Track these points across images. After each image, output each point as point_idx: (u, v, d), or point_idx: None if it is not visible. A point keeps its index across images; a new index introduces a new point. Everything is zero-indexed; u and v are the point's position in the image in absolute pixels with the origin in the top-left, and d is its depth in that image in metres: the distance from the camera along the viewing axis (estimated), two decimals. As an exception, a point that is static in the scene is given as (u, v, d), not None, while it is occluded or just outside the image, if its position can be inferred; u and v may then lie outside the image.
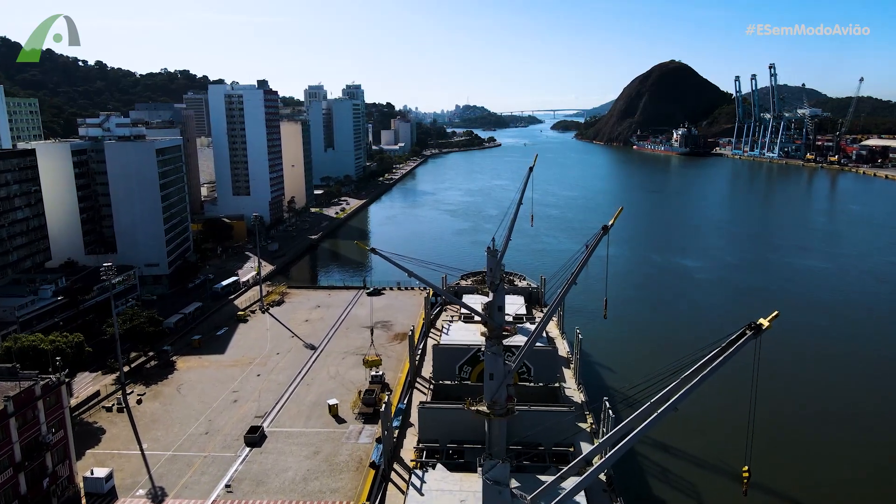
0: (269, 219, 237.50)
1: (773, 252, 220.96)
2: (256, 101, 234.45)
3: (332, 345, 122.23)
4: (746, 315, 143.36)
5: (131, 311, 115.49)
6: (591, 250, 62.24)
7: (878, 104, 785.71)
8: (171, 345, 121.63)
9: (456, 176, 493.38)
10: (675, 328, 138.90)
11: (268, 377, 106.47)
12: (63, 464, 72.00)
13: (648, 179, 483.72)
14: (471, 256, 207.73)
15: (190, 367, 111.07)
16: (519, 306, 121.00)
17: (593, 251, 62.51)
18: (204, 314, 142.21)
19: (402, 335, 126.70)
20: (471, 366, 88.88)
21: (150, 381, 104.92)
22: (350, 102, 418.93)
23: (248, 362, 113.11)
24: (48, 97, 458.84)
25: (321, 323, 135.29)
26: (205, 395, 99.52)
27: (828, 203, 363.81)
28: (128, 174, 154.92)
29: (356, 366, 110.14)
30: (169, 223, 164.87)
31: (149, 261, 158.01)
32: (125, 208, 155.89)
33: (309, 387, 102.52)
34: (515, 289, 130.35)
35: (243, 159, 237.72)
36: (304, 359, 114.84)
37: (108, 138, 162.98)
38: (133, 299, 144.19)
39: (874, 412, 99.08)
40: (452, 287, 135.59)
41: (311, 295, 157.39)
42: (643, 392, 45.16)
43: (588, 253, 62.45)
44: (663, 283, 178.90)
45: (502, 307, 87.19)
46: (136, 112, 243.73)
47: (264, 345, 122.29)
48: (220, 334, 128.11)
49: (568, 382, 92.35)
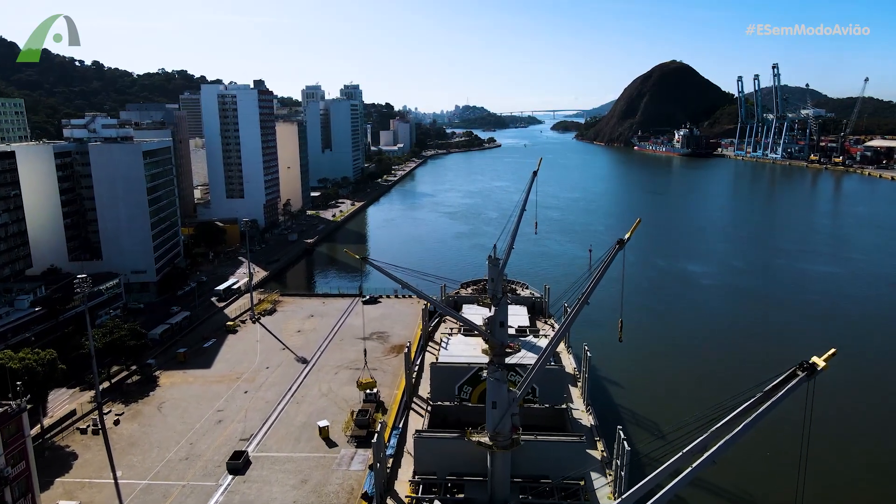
0: (263, 222, 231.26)
1: (781, 256, 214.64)
2: (250, 101, 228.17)
3: (324, 358, 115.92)
4: (763, 329, 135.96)
5: (112, 322, 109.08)
6: (606, 267, 56.14)
7: (879, 105, 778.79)
8: (156, 358, 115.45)
9: (455, 177, 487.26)
10: (688, 341, 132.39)
11: (255, 394, 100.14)
12: (25, 498, 65.64)
13: (650, 181, 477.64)
14: (470, 261, 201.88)
15: (173, 383, 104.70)
16: (522, 318, 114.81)
17: (607, 268, 56.46)
18: (192, 324, 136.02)
19: (399, 347, 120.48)
20: (471, 386, 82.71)
21: (131, 399, 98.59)
22: (348, 103, 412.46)
23: (235, 378, 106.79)
24: (44, 97, 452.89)
25: (314, 334, 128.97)
26: (187, 415, 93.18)
27: (834, 205, 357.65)
28: (113, 177, 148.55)
29: (349, 381, 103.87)
30: (157, 228, 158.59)
31: (136, 267, 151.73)
32: (110, 213, 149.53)
33: (299, 405, 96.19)
34: (518, 298, 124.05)
35: (237, 161, 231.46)
36: (294, 374, 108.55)
37: (94, 140, 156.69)
38: (116, 309, 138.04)
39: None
40: (452, 297, 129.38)
41: (305, 303, 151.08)
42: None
43: (602, 270, 56.37)
44: (671, 291, 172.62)
45: (505, 323, 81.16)
46: (126, 113, 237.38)
47: (253, 358, 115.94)
48: (207, 346, 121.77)
49: (576, 403, 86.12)
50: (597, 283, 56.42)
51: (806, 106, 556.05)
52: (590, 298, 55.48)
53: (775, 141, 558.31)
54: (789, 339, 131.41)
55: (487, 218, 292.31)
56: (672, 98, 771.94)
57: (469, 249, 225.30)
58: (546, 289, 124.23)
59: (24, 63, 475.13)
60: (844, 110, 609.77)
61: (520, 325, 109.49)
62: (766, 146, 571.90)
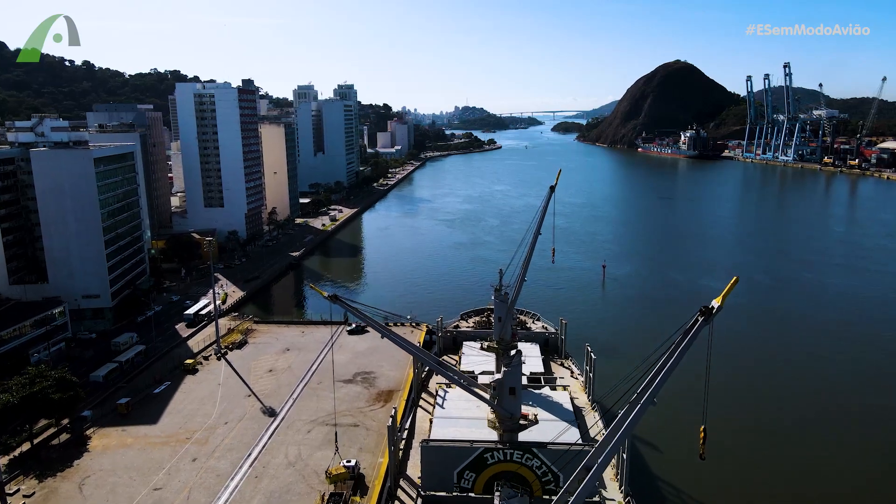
0: (244, 234, 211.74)
1: (808, 270, 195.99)
2: (230, 101, 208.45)
3: (297, 409, 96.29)
4: (805, 362, 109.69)
5: (34, 370, 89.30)
6: (685, 348, 36.95)
7: (884, 105, 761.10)
8: (94, 408, 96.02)
9: (454, 181, 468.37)
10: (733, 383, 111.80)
11: (205, 463, 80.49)
12: None
13: (658, 185, 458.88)
14: (470, 278, 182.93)
15: (107, 447, 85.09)
16: (534, 359, 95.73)
17: (687, 348, 37.22)
18: (147, 360, 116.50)
19: (388, 394, 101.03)
20: (475, 472, 63.21)
21: (48, 471, 78.81)
22: (341, 103, 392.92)
23: (184, 438, 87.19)
24: (30, 98, 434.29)
25: (287, 374, 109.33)
26: (115, 496, 73.57)
27: (856, 211, 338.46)
28: (60, 188, 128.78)
29: (324, 443, 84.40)
30: (115, 245, 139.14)
31: (87, 291, 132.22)
32: (57, 229, 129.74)
33: (258, 481, 76.53)
34: (529, 334, 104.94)
35: (216, 167, 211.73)
36: (258, 431, 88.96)
37: (43, 145, 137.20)
38: (60, 343, 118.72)
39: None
40: (450, 331, 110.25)
41: (281, 333, 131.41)
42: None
43: (679, 352, 37.17)
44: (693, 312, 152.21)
45: (517, 389, 61.94)
46: (94, 114, 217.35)
47: (211, 409, 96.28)
48: (157, 392, 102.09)
49: (610, 492, 66.43)
50: (669, 372, 37.17)
51: (818, 106, 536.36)
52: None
53: (786, 143, 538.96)
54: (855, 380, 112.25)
55: (488, 226, 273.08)
56: (676, 99, 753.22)
57: (468, 263, 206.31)
58: (562, 324, 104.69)
59: (12, 63, 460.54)
60: (848, 111, 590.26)
61: (532, 370, 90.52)
62: (776, 148, 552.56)
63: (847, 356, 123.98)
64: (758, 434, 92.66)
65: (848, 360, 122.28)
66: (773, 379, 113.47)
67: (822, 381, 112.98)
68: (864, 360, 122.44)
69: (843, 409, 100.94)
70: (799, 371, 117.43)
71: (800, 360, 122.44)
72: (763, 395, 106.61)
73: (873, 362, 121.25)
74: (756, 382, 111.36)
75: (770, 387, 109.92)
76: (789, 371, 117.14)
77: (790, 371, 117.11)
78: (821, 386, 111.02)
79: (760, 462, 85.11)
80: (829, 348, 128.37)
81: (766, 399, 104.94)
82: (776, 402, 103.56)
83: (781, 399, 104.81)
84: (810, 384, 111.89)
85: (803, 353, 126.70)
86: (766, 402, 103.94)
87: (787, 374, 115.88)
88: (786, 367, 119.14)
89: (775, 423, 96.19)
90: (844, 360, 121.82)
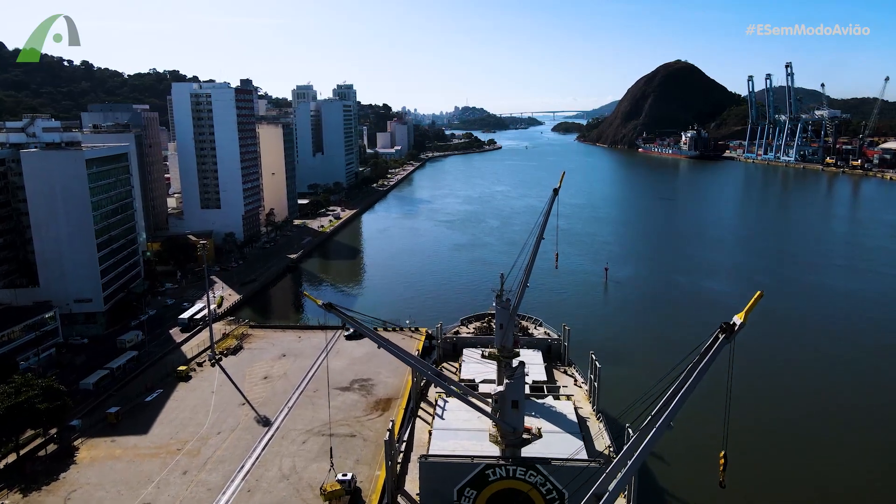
0: (241, 235, 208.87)
1: (814, 273, 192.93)
2: (227, 100, 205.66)
3: (292, 418, 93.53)
4: (816, 373, 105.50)
5: (21, 378, 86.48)
6: (707, 365, 34.20)
7: (886, 106, 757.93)
8: (83, 417, 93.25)
9: (454, 181, 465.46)
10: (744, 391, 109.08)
11: (196, 476, 77.69)
12: None
13: (659, 185, 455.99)
14: (470, 280, 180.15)
15: (94, 458, 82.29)
16: (536, 367, 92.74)
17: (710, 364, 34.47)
18: (140, 366, 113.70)
19: (386, 402, 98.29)
20: (476, 489, 60.40)
21: (33, 486, 76.04)
22: (340, 103, 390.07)
23: (175, 449, 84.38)
24: (28, 98, 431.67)
25: (283, 382, 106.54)
26: (101, 511, 70.94)
27: (860, 212, 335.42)
28: (51, 190, 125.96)
29: (319, 455, 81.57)
30: (108, 248, 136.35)
31: (79, 295, 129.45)
32: (48, 231, 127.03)
33: (251, 495, 73.74)
34: (531, 340, 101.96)
35: (213, 167, 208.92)
36: (251, 442, 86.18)
37: (34, 145, 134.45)
38: (50, 349, 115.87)
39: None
40: (450, 337, 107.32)
41: (277, 338, 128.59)
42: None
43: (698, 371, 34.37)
44: (699, 318, 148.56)
45: (520, 402, 59.17)
46: (90, 114, 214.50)
47: (203, 418, 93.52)
48: (149, 400, 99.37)
49: (618, 509, 63.59)
50: (688, 394, 34.36)
51: (820, 107, 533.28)
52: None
53: (788, 143, 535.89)
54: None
55: (488, 227, 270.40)
56: (677, 99, 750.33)
57: (468, 264, 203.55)
58: (565, 329, 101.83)
59: (11, 63, 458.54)
60: (849, 111, 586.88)
61: (535, 379, 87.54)
62: (777, 148, 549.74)
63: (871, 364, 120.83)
64: (779, 451, 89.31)
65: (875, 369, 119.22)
66: (790, 390, 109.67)
67: (856, 395, 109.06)
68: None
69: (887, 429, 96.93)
70: (823, 383, 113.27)
71: (817, 370, 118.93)
72: (781, 408, 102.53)
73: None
74: (772, 395, 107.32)
75: (788, 398, 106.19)
76: (808, 382, 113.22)
77: (809, 382, 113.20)
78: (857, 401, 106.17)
79: (782, 479, 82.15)
80: (848, 355, 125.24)
81: (785, 412, 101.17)
82: (799, 418, 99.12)
83: (810, 415, 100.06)
84: (840, 399, 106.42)
85: (813, 357, 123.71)
86: (786, 416, 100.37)
87: (806, 384, 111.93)
88: (802, 377, 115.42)
89: (798, 440, 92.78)
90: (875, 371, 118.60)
